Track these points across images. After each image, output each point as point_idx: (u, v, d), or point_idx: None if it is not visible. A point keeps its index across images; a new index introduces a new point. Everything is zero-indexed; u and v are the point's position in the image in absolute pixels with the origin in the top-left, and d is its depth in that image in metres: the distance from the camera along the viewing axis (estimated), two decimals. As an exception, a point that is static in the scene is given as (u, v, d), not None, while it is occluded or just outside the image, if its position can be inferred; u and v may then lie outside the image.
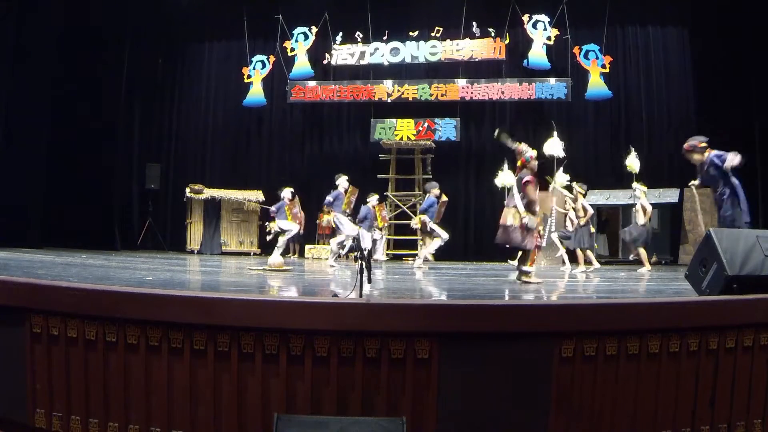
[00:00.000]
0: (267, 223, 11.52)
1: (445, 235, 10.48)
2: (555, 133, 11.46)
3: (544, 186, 10.54)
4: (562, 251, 11.26)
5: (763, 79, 11.28)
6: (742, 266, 3.94)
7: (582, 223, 10.08)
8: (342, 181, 10.41)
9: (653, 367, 3.29)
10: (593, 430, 3.20)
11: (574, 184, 10.36)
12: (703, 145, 6.49)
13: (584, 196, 10.28)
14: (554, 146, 11.27)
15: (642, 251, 9.95)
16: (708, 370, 3.39)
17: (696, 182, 7.22)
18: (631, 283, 7.56)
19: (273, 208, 10.97)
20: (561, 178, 11.25)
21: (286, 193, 10.81)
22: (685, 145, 6.58)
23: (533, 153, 6.80)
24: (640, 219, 10.04)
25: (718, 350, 3.41)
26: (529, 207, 6.43)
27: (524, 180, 6.51)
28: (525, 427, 3.14)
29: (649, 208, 10.24)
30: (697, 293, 4.19)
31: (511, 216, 6.48)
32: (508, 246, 6.79)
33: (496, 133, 7.42)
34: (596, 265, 10.13)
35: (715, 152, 6.38)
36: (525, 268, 6.63)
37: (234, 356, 3.11)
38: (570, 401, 3.17)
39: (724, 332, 3.41)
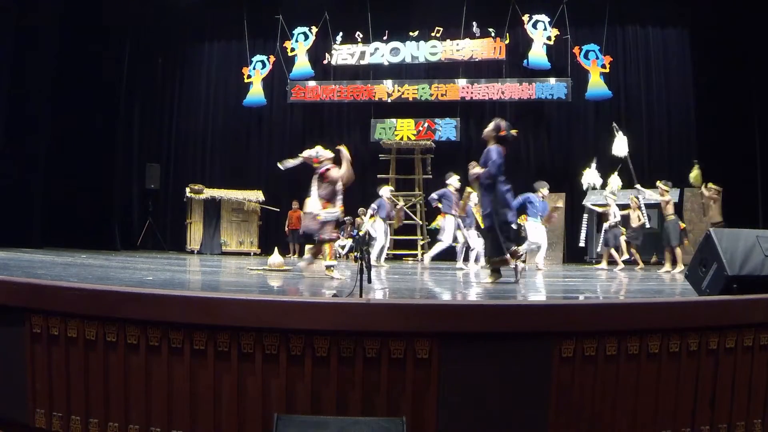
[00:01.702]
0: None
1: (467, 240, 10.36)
2: (620, 133, 11.28)
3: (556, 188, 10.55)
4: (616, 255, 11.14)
5: (764, 79, 11.29)
6: (742, 266, 3.94)
7: (634, 226, 10.24)
8: (453, 181, 10.25)
9: (653, 367, 3.29)
10: (593, 430, 3.20)
11: (659, 183, 10.22)
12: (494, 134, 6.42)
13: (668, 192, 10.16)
14: (620, 146, 11.10)
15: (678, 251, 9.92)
16: (708, 370, 3.39)
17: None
18: (631, 283, 7.56)
19: (435, 195, 10.40)
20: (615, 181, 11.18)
21: (453, 181, 10.32)
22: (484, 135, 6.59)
23: (327, 155, 7.27)
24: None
25: (718, 350, 3.41)
26: (330, 199, 6.75)
27: (321, 170, 6.87)
28: (525, 427, 3.14)
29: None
30: (697, 293, 4.19)
31: (311, 204, 6.84)
32: (304, 233, 7.21)
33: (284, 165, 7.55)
34: (620, 265, 10.15)
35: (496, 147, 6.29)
36: (328, 262, 6.89)
37: (234, 356, 3.11)
38: (570, 401, 3.17)
39: (724, 332, 3.41)
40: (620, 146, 11.15)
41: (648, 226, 10.31)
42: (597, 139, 13.60)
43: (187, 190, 13.85)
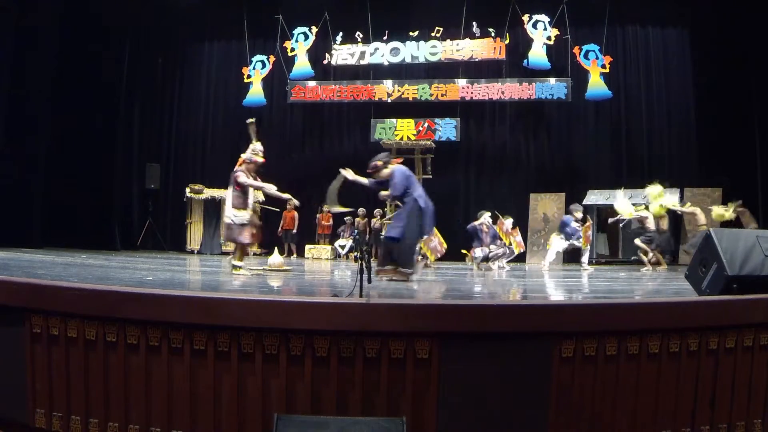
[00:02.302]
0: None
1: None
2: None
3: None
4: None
5: (764, 79, 11.29)
6: (742, 266, 3.94)
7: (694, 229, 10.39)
8: (485, 219, 10.47)
9: (653, 367, 3.29)
10: (593, 430, 3.20)
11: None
12: (383, 162, 6.85)
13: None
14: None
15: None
16: (708, 370, 3.39)
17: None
18: (631, 283, 7.56)
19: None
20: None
21: (486, 218, 10.66)
22: (369, 169, 6.96)
23: (257, 150, 7.60)
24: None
25: (718, 350, 3.41)
26: (242, 203, 7.05)
27: (235, 174, 7.16)
28: (525, 427, 3.14)
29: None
30: (697, 293, 4.19)
31: (227, 212, 7.16)
32: (229, 241, 7.48)
33: (249, 120, 8.17)
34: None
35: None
36: (235, 262, 7.10)
37: (234, 356, 3.11)
38: (570, 401, 3.17)
39: (724, 332, 3.42)
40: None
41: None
42: (597, 139, 13.61)
43: (187, 190, 13.84)
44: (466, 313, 3.26)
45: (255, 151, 7.51)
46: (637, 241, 10.94)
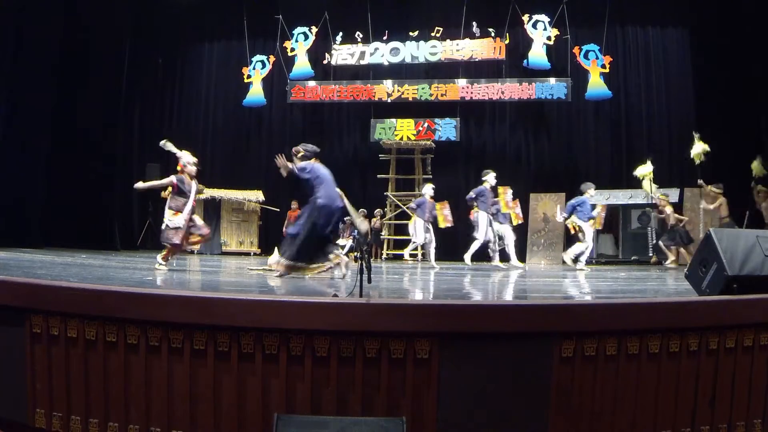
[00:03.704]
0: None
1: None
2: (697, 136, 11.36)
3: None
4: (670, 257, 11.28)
5: (764, 79, 11.29)
6: (742, 266, 3.94)
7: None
8: (489, 178, 10.46)
9: (653, 367, 3.29)
10: (593, 430, 3.20)
11: (710, 187, 10.58)
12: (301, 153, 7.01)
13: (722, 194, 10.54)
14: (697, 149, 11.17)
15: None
16: (708, 370, 3.39)
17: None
18: (631, 283, 7.55)
19: (412, 205, 10.95)
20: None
21: (428, 189, 10.85)
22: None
23: (192, 159, 8.17)
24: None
25: (718, 350, 3.40)
26: (178, 207, 7.77)
27: (173, 181, 7.76)
28: (525, 426, 3.14)
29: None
30: (697, 293, 4.19)
31: (165, 215, 7.79)
32: (165, 243, 7.93)
33: (161, 143, 8.47)
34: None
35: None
36: (159, 259, 7.66)
37: (234, 356, 3.11)
38: (570, 401, 3.17)
39: (724, 332, 3.41)
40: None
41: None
42: (597, 139, 13.61)
43: (187, 190, 13.83)
44: (466, 313, 3.26)
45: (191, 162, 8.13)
46: (661, 243, 11.02)
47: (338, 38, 14.04)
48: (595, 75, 13.03)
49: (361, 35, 13.91)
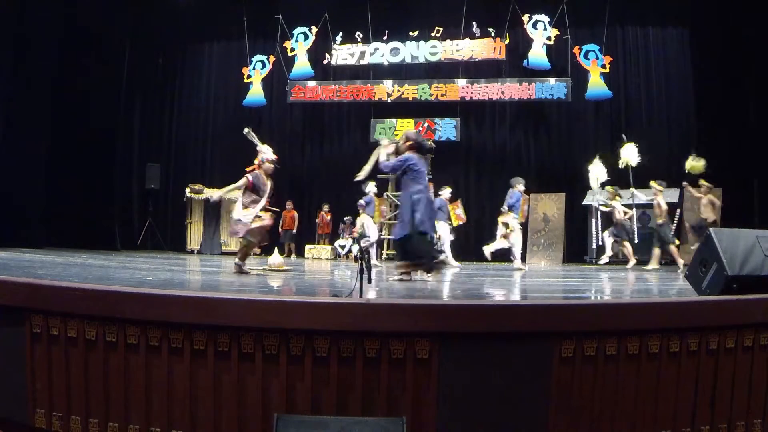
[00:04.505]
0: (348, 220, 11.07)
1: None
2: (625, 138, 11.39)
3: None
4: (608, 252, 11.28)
5: (763, 79, 11.29)
6: (742, 266, 3.94)
7: (660, 221, 10.28)
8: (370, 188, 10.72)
9: (653, 367, 3.29)
10: (593, 430, 3.20)
11: (652, 183, 10.44)
12: (409, 143, 6.55)
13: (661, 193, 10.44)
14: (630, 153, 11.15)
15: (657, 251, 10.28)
16: (708, 370, 3.39)
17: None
18: (631, 283, 7.56)
19: (362, 202, 10.96)
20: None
21: (371, 187, 10.89)
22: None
23: (272, 157, 7.68)
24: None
25: (718, 350, 3.40)
26: (253, 203, 7.32)
27: (249, 180, 7.41)
28: (525, 427, 3.14)
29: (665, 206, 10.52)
30: (697, 293, 4.19)
31: (234, 210, 7.41)
32: (236, 235, 7.63)
33: (245, 131, 7.96)
34: (680, 262, 10.09)
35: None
36: (237, 261, 7.30)
37: (234, 356, 3.11)
38: (570, 401, 3.17)
39: (724, 332, 3.41)
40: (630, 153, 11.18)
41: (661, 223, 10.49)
42: (597, 139, 13.61)
43: (187, 190, 13.84)
44: (466, 313, 3.26)
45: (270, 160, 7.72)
46: (605, 236, 11.05)
47: (338, 38, 14.04)
48: (595, 75, 13.03)
49: (361, 35, 13.90)
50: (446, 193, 11.39)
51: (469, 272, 9.53)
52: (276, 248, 9.46)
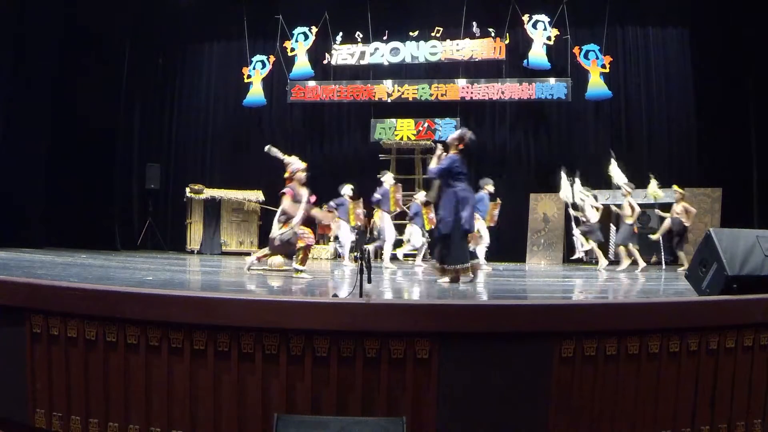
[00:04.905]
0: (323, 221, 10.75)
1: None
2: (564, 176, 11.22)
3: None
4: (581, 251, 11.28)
5: (763, 79, 11.29)
6: (742, 266, 3.94)
7: (629, 222, 10.23)
8: (387, 178, 10.51)
9: (653, 367, 3.29)
10: (593, 430, 3.20)
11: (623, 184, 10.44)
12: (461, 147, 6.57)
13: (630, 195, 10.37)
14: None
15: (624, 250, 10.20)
16: (708, 370, 3.39)
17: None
18: (631, 283, 7.56)
19: (333, 204, 10.86)
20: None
21: (347, 190, 10.78)
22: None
23: (301, 166, 7.42)
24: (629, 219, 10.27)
25: (718, 350, 3.41)
26: (285, 219, 7.01)
27: (283, 191, 7.12)
28: (525, 427, 3.14)
29: (638, 209, 10.46)
30: (697, 293, 4.19)
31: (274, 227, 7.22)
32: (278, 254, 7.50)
33: (266, 149, 7.89)
34: (642, 264, 10.07)
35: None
36: (296, 265, 7.09)
37: (234, 356, 3.11)
38: (570, 401, 3.17)
39: (724, 332, 3.42)
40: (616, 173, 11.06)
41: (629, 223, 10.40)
42: (597, 139, 13.61)
43: (187, 190, 13.83)
44: (466, 313, 3.26)
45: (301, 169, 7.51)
46: (577, 231, 11.02)
47: (338, 38, 14.03)
48: (595, 75, 13.02)
49: (361, 35, 13.90)
50: (421, 196, 11.42)
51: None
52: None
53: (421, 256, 11.22)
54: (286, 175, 7.39)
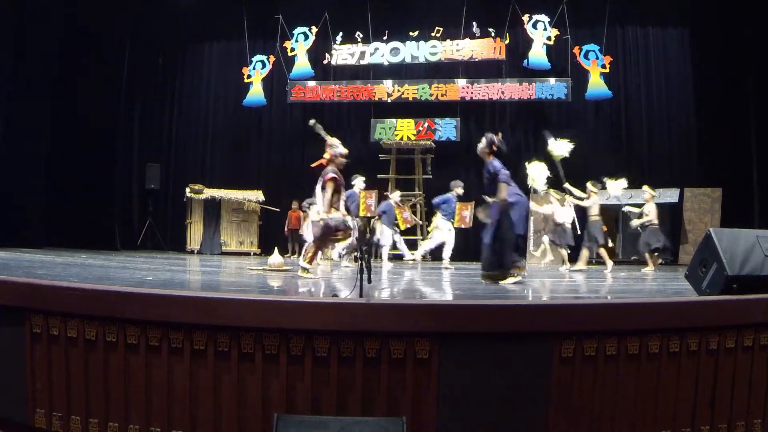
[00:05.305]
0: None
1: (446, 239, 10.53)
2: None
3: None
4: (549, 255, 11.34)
5: (763, 79, 11.30)
6: (742, 266, 3.94)
7: (594, 220, 10.12)
8: (358, 182, 10.48)
9: (653, 367, 3.29)
10: (593, 430, 3.20)
11: (588, 183, 10.32)
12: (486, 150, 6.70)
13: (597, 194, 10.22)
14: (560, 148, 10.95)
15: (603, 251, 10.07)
16: (708, 370, 3.39)
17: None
18: (631, 283, 7.56)
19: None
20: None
21: (359, 182, 10.54)
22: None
23: (344, 151, 7.12)
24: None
25: (718, 350, 3.41)
26: (331, 204, 6.60)
27: (330, 177, 6.65)
28: (525, 427, 3.14)
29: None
30: (697, 293, 4.19)
31: (314, 212, 6.75)
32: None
33: (311, 123, 7.58)
34: (609, 264, 9.98)
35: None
36: (303, 264, 6.74)
37: (234, 356, 3.11)
38: (570, 401, 3.17)
39: (724, 332, 3.42)
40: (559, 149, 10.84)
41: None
42: (597, 139, 13.61)
43: (187, 190, 13.84)
44: (466, 313, 3.26)
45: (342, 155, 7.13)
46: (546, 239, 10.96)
47: (338, 38, 14.03)
48: (595, 75, 13.03)
49: (361, 35, 13.90)
50: (395, 196, 11.44)
51: (469, 272, 9.52)
52: (276, 248, 9.44)
53: (418, 253, 11.18)
54: (326, 156, 6.98)
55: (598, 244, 9.91)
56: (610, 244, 10.56)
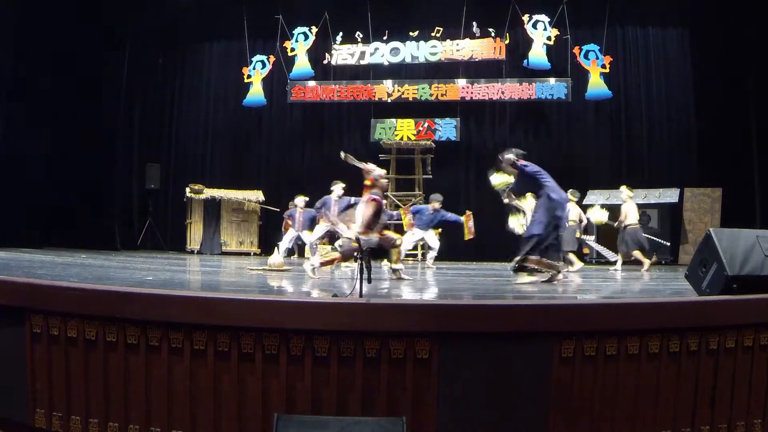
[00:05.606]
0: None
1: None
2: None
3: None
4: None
5: (763, 79, 11.29)
6: (742, 266, 3.93)
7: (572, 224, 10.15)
8: (336, 188, 10.33)
9: (653, 367, 3.29)
10: (593, 430, 3.20)
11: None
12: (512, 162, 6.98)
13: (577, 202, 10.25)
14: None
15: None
16: (708, 370, 3.39)
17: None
18: (631, 283, 7.56)
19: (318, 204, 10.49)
20: None
21: (338, 188, 10.39)
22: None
23: (382, 172, 7.21)
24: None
25: (718, 350, 3.41)
26: (369, 225, 6.51)
27: (371, 198, 6.63)
28: (525, 427, 3.14)
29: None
30: (697, 293, 4.19)
31: (348, 228, 6.74)
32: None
33: (342, 155, 7.69)
34: (577, 264, 9.95)
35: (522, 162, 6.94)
36: (394, 266, 7.07)
37: (234, 356, 3.11)
38: (570, 401, 3.17)
39: (724, 332, 3.41)
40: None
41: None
42: (597, 139, 13.61)
43: (187, 190, 13.84)
44: (466, 313, 3.26)
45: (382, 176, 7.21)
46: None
47: (338, 38, 14.03)
48: (595, 75, 13.02)
49: (361, 35, 13.90)
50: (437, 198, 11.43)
51: (469, 272, 9.53)
52: (276, 248, 9.45)
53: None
54: (367, 183, 6.99)
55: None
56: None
